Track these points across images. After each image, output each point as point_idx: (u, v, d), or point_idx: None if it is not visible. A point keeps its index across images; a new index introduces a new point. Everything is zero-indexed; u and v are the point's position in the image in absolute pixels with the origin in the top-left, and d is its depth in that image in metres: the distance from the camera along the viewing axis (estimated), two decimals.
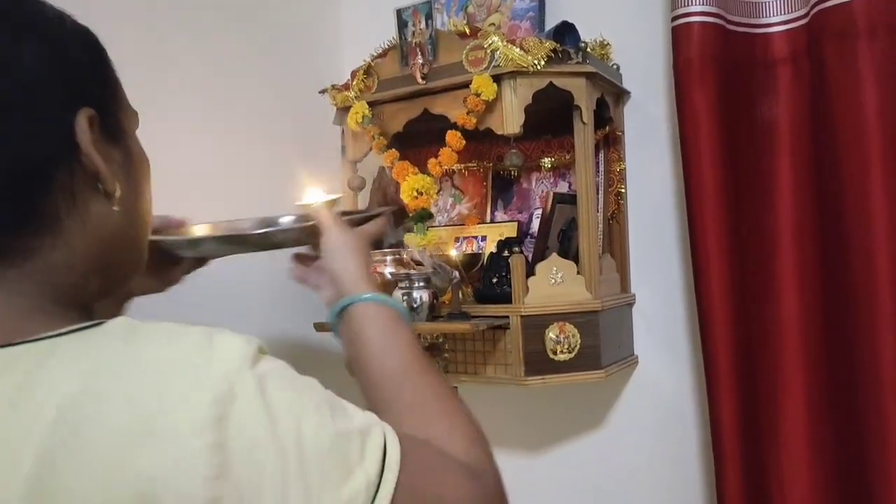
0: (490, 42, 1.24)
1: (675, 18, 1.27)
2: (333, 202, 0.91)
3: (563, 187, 1.54)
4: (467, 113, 1.27)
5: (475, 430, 0.63)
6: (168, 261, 0.80)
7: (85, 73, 0.54)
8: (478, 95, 1.24)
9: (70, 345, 0.48)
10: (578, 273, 1.30)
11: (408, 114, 1.37)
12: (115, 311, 0.74)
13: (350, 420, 0.53)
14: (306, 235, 0.83)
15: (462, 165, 1.63)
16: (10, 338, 0.47)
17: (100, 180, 0.54)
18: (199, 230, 0.88)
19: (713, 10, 1.25)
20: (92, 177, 0.53)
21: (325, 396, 0.53)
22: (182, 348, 0.48)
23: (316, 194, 0.95)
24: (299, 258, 0.88)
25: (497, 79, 1.25)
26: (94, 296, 0.57)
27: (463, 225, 1.63)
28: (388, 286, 1.41)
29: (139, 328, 0.49)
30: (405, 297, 1.30)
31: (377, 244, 0.87)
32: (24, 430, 0.43)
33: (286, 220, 0.95)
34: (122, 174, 0.56)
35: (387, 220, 0.86)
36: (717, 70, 1.26)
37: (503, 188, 1.63)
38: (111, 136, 0.56)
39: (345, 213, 0.87)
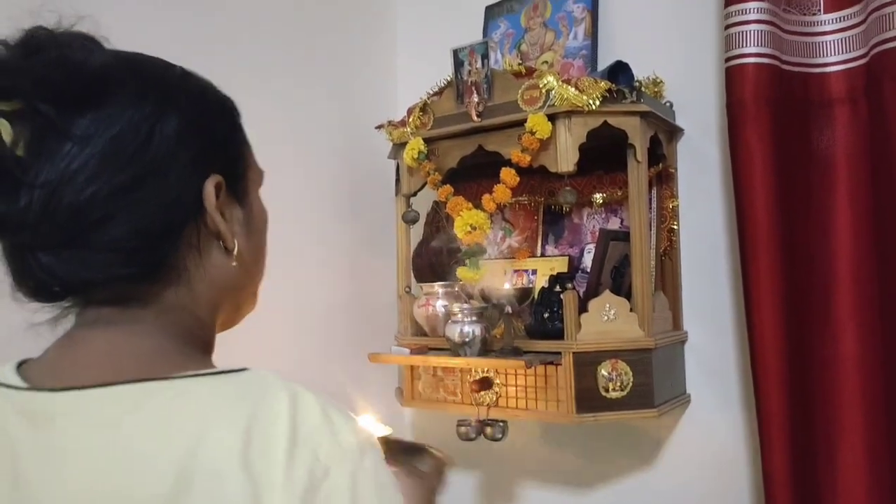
0: (546, 82, 1.27)
1: (728, 59, 1.28)
2: (385, 438, 0.92)
3: (614, 223, 1.54)
4: (522, 150, 1.28)
5: None
6: None
7: (217, 143, 0.59)
8: (533, 134, 1.26)
9: (207, 385, 0.52)
10: (631, 310, 1.30)
11: (462, 150, 1.40)
12: None
13: None
14: None
15: (513, 199, 1.65)
16: (146, 373, 0.52)
17: (220, 239, 0.59)
18: None
19: (768, 51, 1.25)
20: (214, 235, 0.58)
21: None
22: (303, 417, 0.50)
23: (367, 421, 0.96)
24: None
25: (552, 118, 1.27)
26: (213, 334, 0.63)
27: (513, 258, 1.65)
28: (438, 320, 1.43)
29: (269, 388, 0.52)
30: (458, 331, 1.31)
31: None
32: (168, 452, 0.47)
33: None
34: (242, 232, 0.61)
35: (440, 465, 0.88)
36: (771, 111, 1.25)
37: (554, 222, 1.64)
38: (235, 197, 0.61)
39: (390, 442, 0.90)
